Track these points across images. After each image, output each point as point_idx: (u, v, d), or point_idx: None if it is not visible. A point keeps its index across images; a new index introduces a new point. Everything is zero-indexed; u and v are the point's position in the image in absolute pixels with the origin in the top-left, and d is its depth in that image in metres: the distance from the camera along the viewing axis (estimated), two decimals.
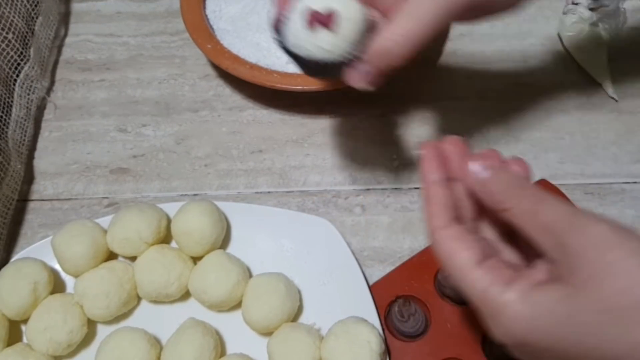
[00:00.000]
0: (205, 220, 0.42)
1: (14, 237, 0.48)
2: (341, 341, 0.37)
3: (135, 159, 0.51)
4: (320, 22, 0.31)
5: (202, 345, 0.38)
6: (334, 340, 0.38)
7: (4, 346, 0.40)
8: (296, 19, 0.32)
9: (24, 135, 0.50)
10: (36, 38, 0.54)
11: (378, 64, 0.33)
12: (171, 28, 0.59)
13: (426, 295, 0.41)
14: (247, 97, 0.54)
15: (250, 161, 0.51)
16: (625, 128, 0.50)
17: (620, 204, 0.47)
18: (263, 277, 0.41)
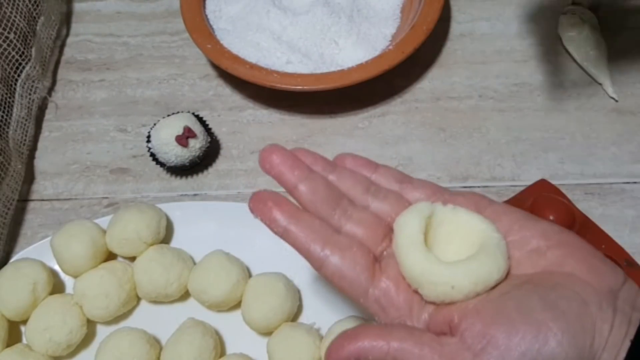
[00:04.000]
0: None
1: (14, 237, 0.48)
2: None
3: (135, 159, 0.51)
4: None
5: (201, 345, 0.38)
6: None
7: (4, 347, 0.40)
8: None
9: (24, 135, 0.50)
10: (38, 38, 0.54)
11: None
12: (171, 28, 0.59)
13: None
14: (247, 97, 0.54)
15: (250, 161, 0.51)
16: (625, 128, 0.50)
17: (620, 204, 0.47)
18: (263, 277, 0.41)
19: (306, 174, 0.28)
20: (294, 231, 0.27)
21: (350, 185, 0.29)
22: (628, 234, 0.45)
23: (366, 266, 0.27)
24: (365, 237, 0.28)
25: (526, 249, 0.26)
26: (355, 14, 0.54)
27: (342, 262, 0.26)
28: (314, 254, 0.27)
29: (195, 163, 0.48)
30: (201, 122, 0.48)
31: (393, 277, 0.26)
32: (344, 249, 0.27)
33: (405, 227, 0.27)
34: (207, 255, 0.42)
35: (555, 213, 0.43)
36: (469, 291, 0.25)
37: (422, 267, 0.25)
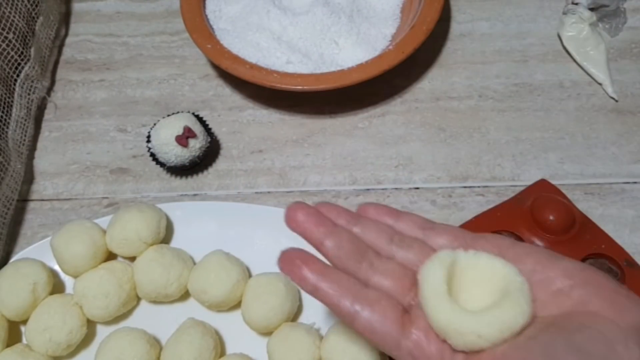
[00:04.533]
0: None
1: (14, 237, 0.48)
2: (341, 341, 0.37)
3: (135, 159, 0.51)
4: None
5: (201, 345, 0.38)
6: (334, 340, 0.38)
7: (4, 347, 0.40)
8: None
9: (24, 135, 0.50)
10: (37, 38, 0.54)
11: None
12: (171, 28, 0.59)
13: None
14: (247, 97, 0.54)
15: (250, 161, 0.51)
16: (625, 128, 0.50)
17: (620, 204, 0.47)
18: (263, 277, 0.41)
19: (331, 229, 0.29)
20: (324, 288, 0.28)
21: (375, 236, 0.30)
22: (628, 234, 0.45)
23: (396, 319, 0.27)
24: (392, 288, 0.28)
25: (551, 289, 0.26)
26: (355, 14, 0.54)
27: (372, 316, 0.27)
28: (344, 310, 0.27)
29: (195, 163, 0.48)
30: (201, 122, 0.48)
31: (423, 327, 0.27)
32: (373, 303, 0.27)
33: (428, 279, 0.27)
34: (207, 255, 0.42)
35: (555, 213, 0.43)
36: (496, 339, 0.25)
37: (447, 318, 0.26)
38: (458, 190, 0.48)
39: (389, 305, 0.27)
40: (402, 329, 0.27)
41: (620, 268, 0.42)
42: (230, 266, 0.41)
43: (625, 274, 0.41)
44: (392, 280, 0.28)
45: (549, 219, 0.43)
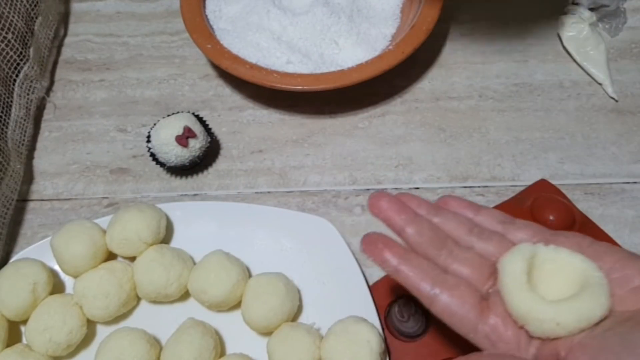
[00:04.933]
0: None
1: (14, 237, 0.48)
2: (341, 341, 0.37)
3: (135, 159, 0.51)
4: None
5: (201, 345, 0.38)
6: (334, 340, 0.38)
7: (4, 347, 0.40)
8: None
9: (23, 135, 0.50)
10: (35, 38, 0.54)
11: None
12: (171, 28, 0.59)
13: None
14: (247, 97, 0.54)
15: (250, 161, 0.51)
16: (625, 128, 0.50)
17: (620, 204, 0.47)
18: (263, 277, 0.41)
19: (412, 217, 0.31)
20: (405, 270, 0.29)
21: (454, 226, 0.31)
22: (628, 234, 0.45)
23: (474, 304, 0.28)
24: (471, 276, 0.30)
25: (629, 286, 0.27)
26: (355, 14, 0.54)
27: (451, 300, 0.28)
28: (423, 292, 0.29)
29: (195, 163, 0.48)
30: (201, 122, 0.48)
31: (500, 314, 0.28)
32: (452, 288, 0.29)
33: (509, 268, 0.28)
34: (207, 255, 0.42)
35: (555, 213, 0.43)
36: (574, 328, 0.26)
37: (527, 305, 0.27)
38: (458, 191, 0.48)
39: (468, 291, 0.29)
40: (480, 314, 0.28)
41: None
42: (230, 266, 0.41)
43: None
44: (471, 268, 0.30)
45: (549, 219, 0.43)
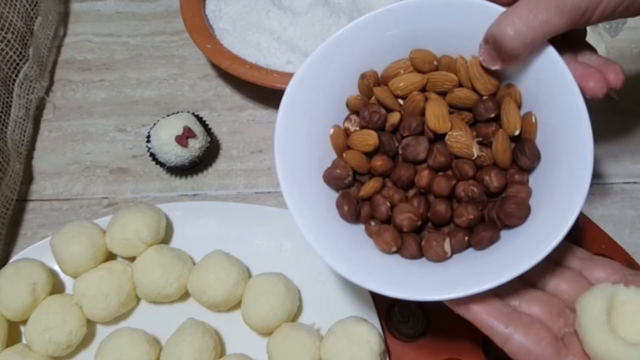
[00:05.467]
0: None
1: (13, 237, 0.48)
2: (341, 341, 0.37)
3: (135, 159, 0.51)
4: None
5: (201, 345, 0.38)
6: (334, 340, 0.38)
7: (4, 347, 0.40)
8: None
9: (23, 135, 0.50)
10: (35, 38, 0.54)
11: (494, 48, 0.32)
12: (171, 28, 0.59)
13: None
14: (247, 97, 0.54)
15: (250, 161, 0.50)
16: (625, 128, 0.50)
17: (620, 204, 0.47)
18: (262, 277, 0.41)
19: None
20: (476, 309, 0.29)
21: None
22: (628, 234, 0.45)
23: (550, 342, 0.28)
24: (543, 315, 0.29)
25: None
26: (356, 14, 0.54)
27: (526, 339, 0.28)
28: (497, 331, 0.29)
29: (195, 163, 0.48)
30: (201, 122, 0.48)
31: (578, 354, 0.28)
32: (526, 326, 0.28)
33: (589, 308, 0.28)
34: (207, 255, 0.42)
35: None
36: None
37: (608, 347, 0.27)
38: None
39: (542, 329, 0.29)
40: (557, 353, 0.28)
41: None
42: (230, 266, 0.41)
43: None
44: (542, 307, 0.30)
45: None
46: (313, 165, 0.34)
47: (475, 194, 0.33)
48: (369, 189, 0.34)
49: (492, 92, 0.35)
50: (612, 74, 0.32)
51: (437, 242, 0.32)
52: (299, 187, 0.33)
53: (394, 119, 0.35)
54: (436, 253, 0.32)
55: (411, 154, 0.34)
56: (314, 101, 0.34)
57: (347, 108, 0.36)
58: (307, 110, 0.34)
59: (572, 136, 0.32)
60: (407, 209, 0.33)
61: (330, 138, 0.36)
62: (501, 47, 0.31)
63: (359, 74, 0.36)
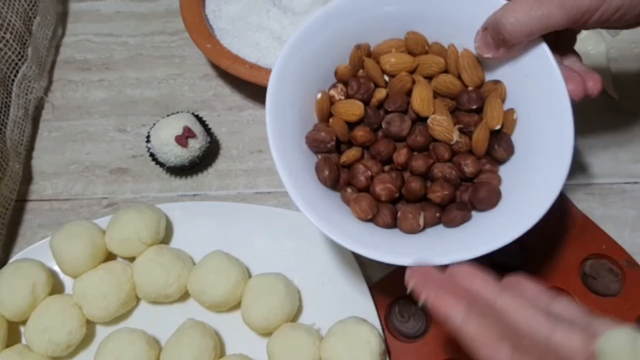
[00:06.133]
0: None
1: (13, 237, 0.47)
2: (341, 341, 0.37)
3: (135, 159, 0.51)
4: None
5: (201, 345, 0.38)
6: (334, 340, 0.37)
7: (3, 347, 0.40)
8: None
9: (22, 135, 0.50)
10: (34, 38, 0.54)
11: (492, 34, 0.33)
12: (171, 28, 0.59)
13: None
14: (246, 97, 0.54)
15: (250, 161, 0.50)
16: (625, 128, 0.50)
17: (620, 204, 0.47)
18: (262, 278, 0.41)
19: (467, 307, 0.28)
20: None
21: (525, 312, 0.27)
22: (628, 234, 0.45)
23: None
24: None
25: None
26: None
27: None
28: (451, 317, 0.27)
29: (194, 163, 0.48)
30: (201, 122, 0.48)
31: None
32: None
33: (612, 345, 0.25)
34: (206, 255, 0.42)
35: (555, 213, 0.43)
36: None
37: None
38: None
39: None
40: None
41: (621, 268, 0.42)
42: (230, 266, 0.41)
43: (625, 275, 0.41)
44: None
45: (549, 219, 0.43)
46: (299, 126, 0.36)
47: (452, 175, 0.34)
48: (351, 157, 0.36)
49: (477, 85, 0.36)
50: (591, 82, 0.33)
51: (412, 215, 0.34)
52: (285, 147, 0.34)
53: (380, 94, 0.36)
54: (410, 225, 0.34)
55: (395, 129, 0.35)
56: (305, 64, 0.36)
57: (334, 76, 0.38)
58: (298, 72, 0.35)
59: (554, 133, 0.33)
60: (387, 180, 0.34)
61: (316, 102, 0.37)
62: (500, 33, 0.32)
63: (351, 45, 0.37)
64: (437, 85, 0.36)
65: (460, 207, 0.34)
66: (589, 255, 0.42)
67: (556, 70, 0.33)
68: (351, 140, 0.37)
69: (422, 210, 0.34)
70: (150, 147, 0.48)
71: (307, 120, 0.36)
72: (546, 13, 0.31)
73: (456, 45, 0.36)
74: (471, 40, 0.35)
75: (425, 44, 0.37)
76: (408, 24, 0.37)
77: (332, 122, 0.36)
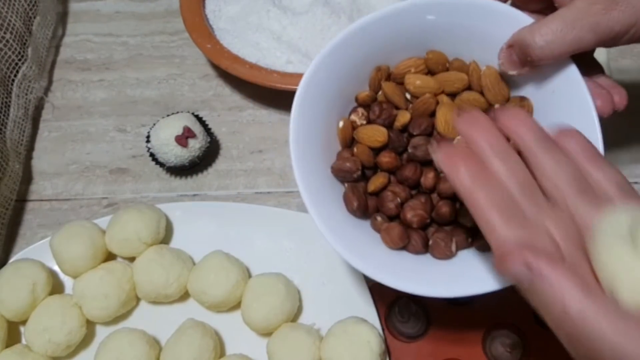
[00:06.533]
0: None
1: (13, 237, 0.47)
2: (341, 341, 0.37)
3: (135, 159, 0.51)
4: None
5: (201, 345, 0.38)
6: (334, 341, 0.38)
7: (3, 347, 0.40)
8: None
9: (22, 135, 0.50)
10: (34, 38, 0.54)
11: (518, 53, 0.32)
12: (170, 28, 0.59)
13: None
14: (246, 97, 0.54)
15: (250, 161, 0.50)
16: (625, 128, 0.50)
17: None
18: (262, 278, 0.41)
19: (505, 149, 0.26)
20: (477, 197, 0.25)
21: (563, 177, 0.25)
22: None
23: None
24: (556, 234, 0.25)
25: None
26: (355, 13, 0.53)
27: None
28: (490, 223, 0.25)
29: (194, 163, 0.48)
30: (201, 122, 0.48)
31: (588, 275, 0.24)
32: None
33: (612, 224, 0.24)
34: (206, 255, 0.42)
35: None
36: None
37: (623, 262, 0.23)
38: None
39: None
40: None
41: None
42: (230, 266, 0.41)
43: None
44: (557, 227, 0.25)
45: None
46: (322, 155, 0.35)
47: None
48: (378, 184, 0.35)
49: (502, 103, 0.35)
50: (617, 97, 0.33)
51: (444, 242, 0.33)
52: (310, 178, 0.33)
53: (404, 118, 0.35)
54: (443, 252, 0.33)
55: (421, 154, 0.34)
56: (325, 91, 0.35)
57: (355, 102, 0.37)
58: (318, 99, 0.35)
59: None
60: (418, 206, 0.34)
61: (338, 131, 0.36)
62: (528, 55, 0.31)
63: (369, 68, 0.36)
64: (461, 103, 0.35)
65: None
66: None
67: (584, 87, 0.32)
68: (377, 165, 0.36)
69: (453, 236, 0.33)
70: (150, 147, 0.48)
71: (330, 148, 0.36)
72: (577, 37, 0.30)
73: (477, 60, 0.35)
74: (493, 55, 0.34)
75: (446, 62, 0.36)
76: (427, 42, 0.36)
77: (357, 151, 0.35)
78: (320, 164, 0.35)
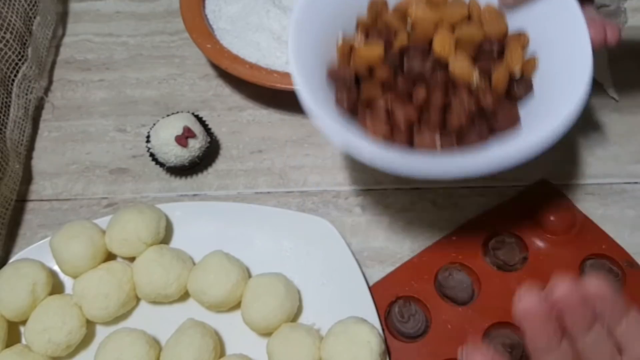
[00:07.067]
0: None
1: (13, 237, 0.47)
2: (341, 341, 0.37)
3: (135, 159, 0.51)
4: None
5: (201, 345, 0.38)
6: (334, 341, 0.37)
7: (3, 347, 0.40)
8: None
9: (22, 135, 0.50)
10: (34, 38, 0.54)
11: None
12: (170, 28, 0.59)
13: (426, 296, 0.41)
14: (246, 97, 0.54)
15: (250, 161, 0.50)
16: (625, 128, 0.50)
17: (621, 204, 0.47)
18: (262, 278, 0.41)
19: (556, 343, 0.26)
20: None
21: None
22: (629, 235, 0.45)
23: None
24: None
25: None
26: None
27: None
28: None
29: (194, 163, 0.48)
30: (201, 122, 0.48)
31: None
32: None
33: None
34: (206, 255, 0.42)
35: (556, 213, 0.43)
36: None
37: None
38: (459, 191, 0.48)
39: None
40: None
41: (621, 269, 0.42)
42: (230, 267, 0.41)
43: (625, 275, 0.41)
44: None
45: (549, 219, 0.43)
46: (319, 63, 0.37)
47: (471, 106, 0.35)
48: (372, 93, 0.36)
49: (500, 37, 0.37)
50: (610, 32, 0.34)
51: (429, 132, 0.35)
52: (311, 79, 0.36)
53: (402, 40, 0.37)
54: (426, 141, 0.34)
55: (417, 65, 0.36)
56: (327, 10, 0.37)
57: (356, 26, 0.39)
58: (320, 16, 0.37)
59: (571, 71, 0.35)
60: (407, 108, 0.35)
61: (337, 48, 0.38)
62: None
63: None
64: (460, 34, 0.37)
65: (478, 131, 0.34)
66: (589, 255, 0.42)
67: (579, 14, 0.34)
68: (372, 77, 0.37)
69: (439, 133, 0.35)
70: (150, 147, 0.48)
71: (328, 63, 0.38)
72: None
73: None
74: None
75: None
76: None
77: (354, 61, 0.37)
78: (315, 66, 0.37)
